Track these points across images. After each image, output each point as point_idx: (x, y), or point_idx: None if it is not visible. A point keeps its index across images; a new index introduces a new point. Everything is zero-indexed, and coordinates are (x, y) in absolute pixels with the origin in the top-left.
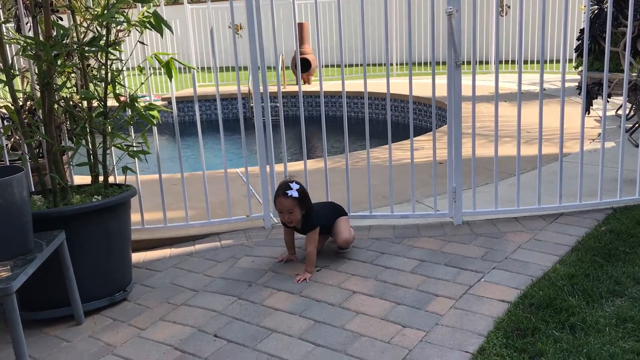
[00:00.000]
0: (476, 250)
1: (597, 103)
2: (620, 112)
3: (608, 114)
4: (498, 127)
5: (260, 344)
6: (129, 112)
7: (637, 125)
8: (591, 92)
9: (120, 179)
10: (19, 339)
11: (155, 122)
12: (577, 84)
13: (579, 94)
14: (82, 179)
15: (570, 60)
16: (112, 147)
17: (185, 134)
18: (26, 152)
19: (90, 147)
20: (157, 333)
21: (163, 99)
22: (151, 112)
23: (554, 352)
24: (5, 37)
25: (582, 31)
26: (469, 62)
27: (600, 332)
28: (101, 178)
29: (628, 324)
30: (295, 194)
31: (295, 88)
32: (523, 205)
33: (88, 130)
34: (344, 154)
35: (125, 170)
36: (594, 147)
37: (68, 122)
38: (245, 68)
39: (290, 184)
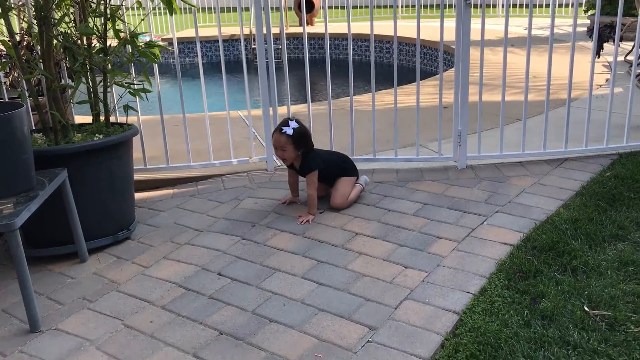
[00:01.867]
0: (480, 193)
1: (606, 49)
2: (629, 57)
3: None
4: (506, 73)
5: (263, 282)
6: (129, 49)
7: None
8: (602, 34)
9: (121, 119)
10: (24, 274)
11: (156, 60)
12: (586, 28)
13: (590, 36)
14: (82, 118)
15: (580, 4)
16: (113, 86)
17: (184, 75)
18: (25, 89)
19: (90, 84)
20: (160, 271)
21: (163, 40)
22: (152, 50)
23: (555, 293)
24: None
25: None
26: (476, 6)
27: (601, 275)
28: (102, 117)
29: (629, 267)
30: (290, 132)
31: (297, 30)
32: (528, 150)
33: (88, 68)
34: (347, 97)
35: (126, 109)
36: (602, 92)
37: (67, 59)
38: (247, 9)
39: (289, 121)
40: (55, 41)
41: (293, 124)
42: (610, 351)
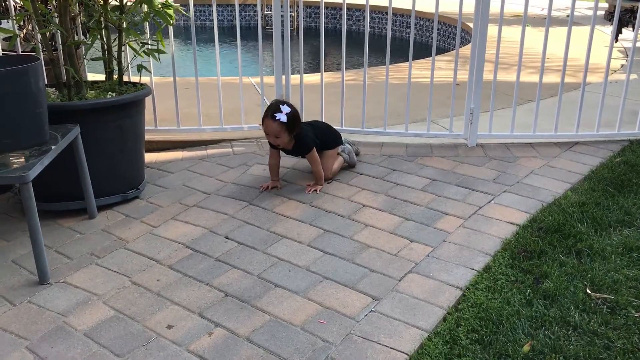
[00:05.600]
0: (488, 172)
1: (624, 34)
2: None
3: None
4: (523, 52)
5: (270, 247)
6: (145, 8)
7: None
8: (622, 18)
9: (134, 79)
10: (35, 227)
11: (171, 22)
12: (604, 12)
13: (609, 20)
14: (94, 76)
15: None
16: (127, 47)
17: (199, 39)
18: (39, 42)
19: (105, 42)
20: (168, 231)
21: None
22: (168, 11)
23: (558, 275)
24: None
25: None
26: None
27: (605, 260)
28: (115, 76)
29: (634, 253)
30: (284, 118)
31: None
32: (539, 132)
33: (103, 25)
34: (359, 69)
35: (140, 68)
36: (616, 78)
37: (82, 15)
38: None
39: (281, 106)
40: None
41: (285, 109)
42: (610, 334)
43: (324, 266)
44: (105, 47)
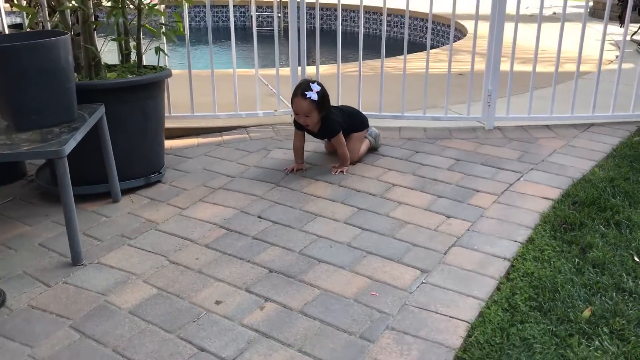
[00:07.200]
0: (511, 152)
1: (613, 29)
2: (635, 37)
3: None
4: (539, 46)
5: (306, 226)
6: None
7: None
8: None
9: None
10: (69, 204)
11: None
12: (589, 9)
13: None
14: (107, 59)
15: None
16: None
17: (198, 37)
18: (58, 21)
19: (124, 20)
20: (198, 212)
21: None
22: None
23: (602, 245)
24: None
25: None
26: None
27: None
28: (132, 58)
29: None
30: (315, 97)
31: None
32: (556, 114)
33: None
34: (374, 60)
35: (157, 51)
36: (612, 67)
37: None
38: None
39: (311, 84)
40: None
41: (315, 87)
42: None
43: (365, 242)
44: (122, 28)
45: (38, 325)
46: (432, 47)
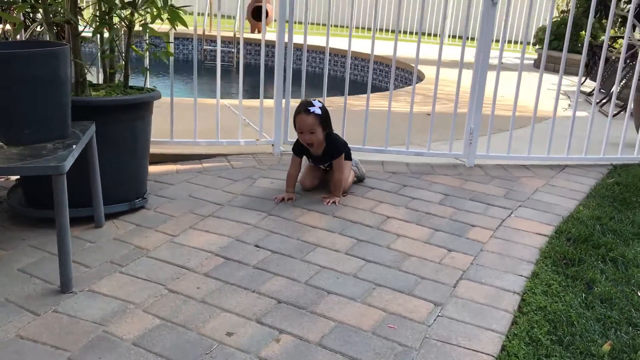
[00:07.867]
0: (496, 189)
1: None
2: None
3: (570, 89)
4: (520, 81)
5: (307, 256)
6: (159, 2)
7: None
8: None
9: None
10: (64, 226)
11: (182, 23)
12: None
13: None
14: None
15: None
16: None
17: (183, 72)
18: (46, 33)
19: (113, 39)
20: (191, 240)
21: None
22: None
23: (604, 281)
24: None
25: None
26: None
27: (639, 267)
28: (116, 78)
29: None
30: (318, 111)
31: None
32: (533, 154)
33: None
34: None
35: (144, 71)
36: (567, 114)
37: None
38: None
39: (312, 101)
40: None
41: (317, 103)
42: None
43: (371, 273)
44: (107, 46)
45: (31, 357)
46: (375, 88)
